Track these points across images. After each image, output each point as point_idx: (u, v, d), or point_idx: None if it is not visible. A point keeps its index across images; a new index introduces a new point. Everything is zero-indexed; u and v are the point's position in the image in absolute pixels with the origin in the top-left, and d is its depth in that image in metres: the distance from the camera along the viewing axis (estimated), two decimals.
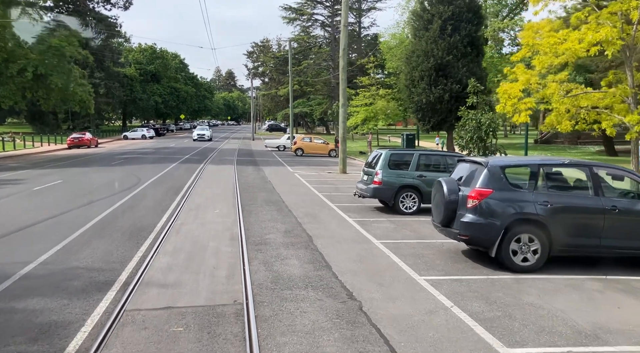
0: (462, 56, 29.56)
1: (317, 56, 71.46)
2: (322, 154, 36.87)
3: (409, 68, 31.13)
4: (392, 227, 11.06)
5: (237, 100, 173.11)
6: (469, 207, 7.62)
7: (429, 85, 29.86)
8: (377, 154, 13.31)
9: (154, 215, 12.01)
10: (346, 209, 13.27)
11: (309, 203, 14.52)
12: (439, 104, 29.92)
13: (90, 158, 32.34)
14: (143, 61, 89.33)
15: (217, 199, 15.02)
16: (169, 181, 19.28)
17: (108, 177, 20.95)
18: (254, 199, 15.04)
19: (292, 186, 18.70)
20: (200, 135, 55.91)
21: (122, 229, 10.39)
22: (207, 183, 18.94)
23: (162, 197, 15.07)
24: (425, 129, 31.95)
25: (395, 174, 12.58)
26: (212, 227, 10.78)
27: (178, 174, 22.07)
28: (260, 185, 18.62)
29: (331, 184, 19.55)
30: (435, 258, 8.40)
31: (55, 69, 32.53)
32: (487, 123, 20.88)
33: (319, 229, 10.72)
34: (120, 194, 15.32)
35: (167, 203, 13.83)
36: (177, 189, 16.81)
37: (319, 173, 24.21)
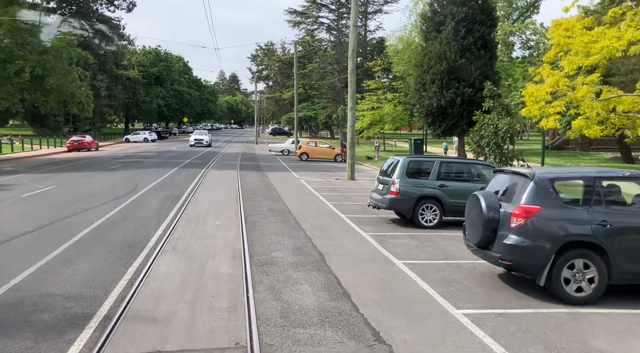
0: (475, 58, 28.45)
1: (322, 60, 70.49)
2: (328, 159, 35.77)
3: (420, 71, 30.02)
4: (413, 244, 9.91)
5: (241, 104, 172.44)
6: (513, 227, 6.48)
7: (440, 88, 28.75)
8: (393, 162, 12.18)
9: (149, 228, 10.89)
10: (359, 222, 12.14)
11: (317, 213, 13.39)
12: (450, 108, 28.79)
13: (89, 162, 31.30)
14: (147, 63, 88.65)
15: (219, 208, 13.91)
16: (168, 188, 18.19)
17: (104, 182, 19.87)
18: (258, 208, 13.92)
19: (298, 193, 17.58)
20: (197, 140, 50.74)
21: (111, 244, 9.27)
22: (209, 190, 17.84)
23: (159, 206, 13.96)
24: (435, 134, 30.81)
25: (414, 183, 11.44)
26: (212, 242, 9.66)
27: (178, 180, 20.98)
28: (265, 192, 17.51)
29: (340, 192, 18.42)
30: (470, 284, 7.24)
31: (53, 70, 31.53)
32: (505, 128, 19.73)
33: (331, 245, 9.59)
34: (115, 202, 14.22)
35: (164, 213, 12.72)
36: (176, 197, 15.70)
37: (326, 179, 23.09)
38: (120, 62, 72.56)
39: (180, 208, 13.66)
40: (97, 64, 65.87)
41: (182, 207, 13.79)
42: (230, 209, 13.73)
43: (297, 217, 12.66)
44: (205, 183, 19.95)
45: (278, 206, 14.38)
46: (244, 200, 15.40)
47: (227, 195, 16.70)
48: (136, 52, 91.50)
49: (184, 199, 15.39)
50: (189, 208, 13.66)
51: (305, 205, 14.81)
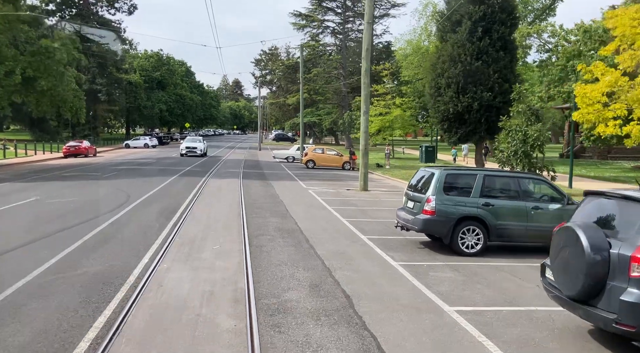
0: (493, 61, 26.59)
1: (327, 64, 68.77)
2: (336, 167, 33.86)
3: (435, 74, 28.19)
4: (459, 279, 7.98)
5: (244, 109, 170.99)
6: (635, 277, 4.55)
7: (456, 93, 26.89)
8: (425, 175, 10.27)
9: (132, 254, 8.99)
10: (385, 245, 10.22)
11: (333, 233, 11.48)
12: (467, 114, 26.92)
13: (83, 169, 29.47)
14: (148, 67, 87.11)
15: (218, 226, 12.01)
16: (163, 200, 16.31)
17: (93, 194, 18.00)
18: (264, 227, 12.01)
19: (308, 207, 15.67)
20: (189, 149, 42.50)
21: (80, 282, 7.37)
22: (208, 203, 15.94)
23: (149, 224, 12.06)
24: (451, 141, 28.92)
25: (453, 201, 9.52)
26: (208, 277, 7.75)
27: (175, 191, 19.10)
28: (271, 206, 15.60)
29: (354, 205, 16.50)
30: (558, 348, 5.31)
31: (45, 72, 29.77)
32: (536, 136, 17.83)
33: (357, 281, 7.67)
34: (99, 219, 12.33)
35: (154, 234, 10.82)
36: (170, 212, 13.80)
37: (337, 189, 21.19)
38: (120, 66, 70.94)
39: (174, 226, 11.76)
40: (96, 67, 64.37)
41: (176, 225, 11.89)
42: (232, 228, 11.82)
43: (310, 238, 10.75)
44: (204, 194, 18.06)
45: (287, 224, 12.47)
46: (247, 216, 13.50)
47: (228, 209, 14.79)
48: (138, 56, 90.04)
49: (180, 214, 13.49)
50: (184, 227, 11.76)
51: (318, 223, 12.90)
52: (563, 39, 34.65)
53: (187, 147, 42.92)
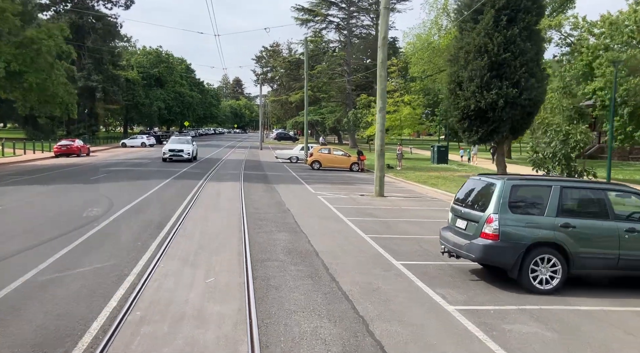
0: (520, 53, 24.22)
1: (330, 61, 66.40)
2: (343, 169, 31.59)
3: (455, 67, 25.79)
4: (552, 338, 5.65)
5: (244, 108, 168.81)
6: None
7: (479, 88, 24.49)
8: (479, 186, 7.97)
9: (97, 295, 6.70)
10: (427, 276, 7.92)
11: (357, 256, 9.18)
12: (491, 111, 24.52)
13: (72, 171, 27.21)
14: (147, 64, 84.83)
15: (214, 247, 9.70)
16: (151, 209, 14.01)
17: (72, 201, 15.71)
18: (270, 247, 9.72)
19: (320, 218, 13.37)
20: (173, 152, 33.64)
21: (19, 340, 5.08)
22: (203, 213, 13.64)
23: (129, 244, 9.76)
24: (471, 141, 26.55)
25: (523, 221, 7.21)
26: (195, 335, 5.46)
27: (168, 197, 16.81)
28: (277, 217, 13.31)
29: (373, 215, 14.20)
30: None
31: (32, 66, 27.47)
32: (579, 137, 15.54)
33: (407, 343, 5.38)
34: (68, 237, 10.04)
35: (131, 260, 8.52)
36: (157, 227, 11.51)
37: (349, 195, 18.90)
38: (117, 62, 68.65)
39: (159, 247, 9.45)
40: (92, 63, 62.09)
41: (161, 245, 9.59)
42: (231, 250, 9.52)
43: (329, 265, 8.46)
44: (200, 201, 15.76)
45: (298, 243, 10.16)
46: (249, 231, 11.20)
47: (227, 222, 12.49)
48: (136, 52, 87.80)
49: (168, 229, 11.19)
50: (171, 249, 9.46)
51: (336, 240, 10.60)
52: (587, 32, 32.26)
53: (171, 149, 33.90)
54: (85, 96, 62.18)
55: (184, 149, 34.16)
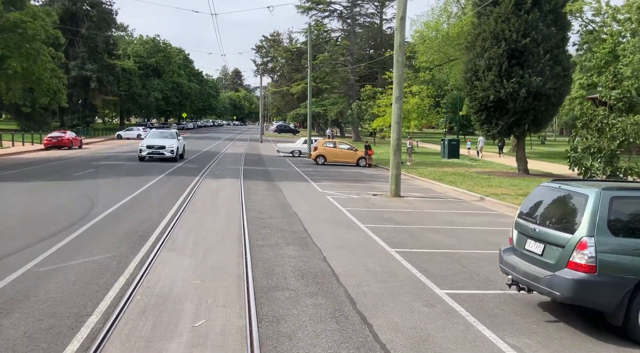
0: (543, 38, 22.25)
1: (333, 51, 64.19)
2: (349, 164, 29.65)
3: (472, 55, 23.82)
4: None
5: (244, 99, 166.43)
6: None
7: (498, 77, 22.56)
8: (558, 196, 6.05)
9: (50, 341, 4.79)
10: (490, 318, 6.01)
11: (390, 283, 7.28)
12: (511, 102, 22.62)
13: (59, 165, 25.28)
14: (144, 54, 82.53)
15: (208, 268, 7.80)
16: (137, 213, 12.10)
17: (48, 202, 13.79)
18: (277, 268, 7.81)
19: (334, 225, 11.47)
20: (153, 149, 26.67)
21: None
22: (197, 219, 11.73)
23: (101, 265, 7.84)
24: (489, 134, 24.62)
25: (629, 247, 5.30)
26: None
27: (158, 197, 14.90)
28: (283, 224, 11.41)
29: (393, 221, 12.30)
30: None
31: (16, 51, 25.41)
32: (633, 132, 13.61)
33: None
34: (22, 255, 8.14)
35: (100, 288, 6.62)
36: (140, 236, 9.60)
37: (361, 194, 16.99)
38: (112, 51, 66.44)
39: (138, 268, 7.55)
40: (86, 52, 59.93)
41: (142, 265, 7.69)
42: (229, 272, 7.62)
43: (356, 298, 6.55)
44: (195, 203, 13.84)
45: (312, 262, 8.26)
46: (251, 243, 9.30)
47: (224, 230, 10.58)
48: (132, 41, 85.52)
49: (154, 240, 9.29)
50: (153, 270, 7.55)
51: (357, 257, 8.70)
52: (612, 18, 30.20)
53: (150, 146, 26.62)
54: (79, 86, 60.16)
55: (166, 146, 26.64)
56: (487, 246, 9.82)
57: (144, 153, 26.66)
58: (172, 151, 26.78)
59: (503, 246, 6.76)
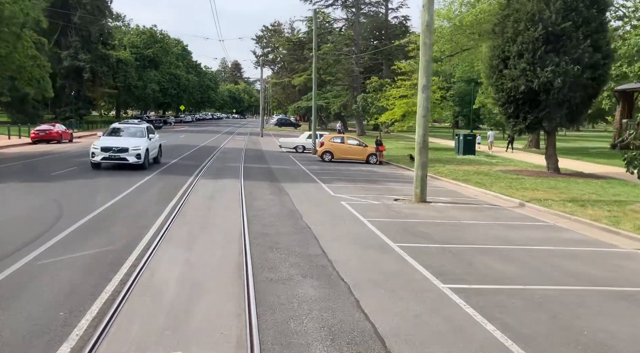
0: (583, 21, 19.77)
1: (337, 41, 61.51)
2: (359, 161, 27.26)
3: (500, 40, 21.30)
4: None
5: (243, 92, 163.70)
6: None
7: (531, 65, 20.07)
8: None
9: None
10: None
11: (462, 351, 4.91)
12: (544, 93, 20.15)
13: (40, 161, 22.91)
14: (140, 44, 79.79)
15: (195, 326, 5.40)
16: (111, 228, 9.71)
17: (5, 212, 11.38)
18: (295, 323, 5.43)
19: (359, 245, 9.08)
20: (110, 152, 19.26)
21: None
22: (186, 238, 9.34)
23: (43, 321, 5.46)
24: (516, 129, 22.12)
25: None
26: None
27: (141, 204, 12.52)
28: (294, 242, 9.03)
29: (430, 238, 9.91)
30: None
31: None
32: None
33: None
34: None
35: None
36: (110, 266, 7.22)
37: (380, 199, 14.61)
38: (107, 41, 63.79)
39: (99, 319, 5.16)
40: (79, 41, 57.30)
41: (102, 316, 5.30)
42: (225, 331, 5.23)
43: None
44: (184, 214, 11.43)
45: (343, 313, 5.86)
46: (255, 277, 6.92)
47: (219, 257, 8.18)
48: (129, 32, 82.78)
49: (126, 272, 6.91)
50: (118, 326, 5.16)
51: (404, 303, 6.31)
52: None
53: (106, 148, 19.23)
54: (72, 77, 57.65)
55: (130, 148, 19.09)
56: (567, 279, 7.46)
57: (98, 158, 19.11)
58: (139, 154, 19.15)
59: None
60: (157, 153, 22.52)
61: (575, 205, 13.69)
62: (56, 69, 57.68)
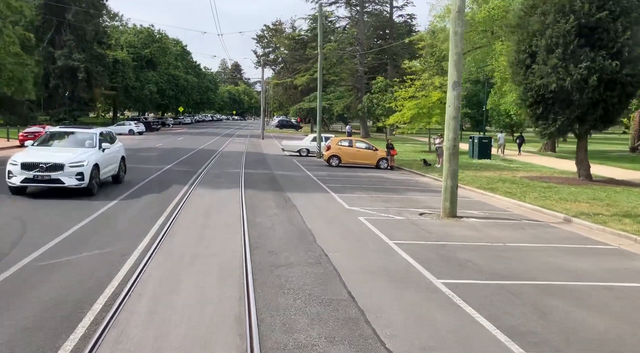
0: (622, 11, 17.78)
1: (341, 40, 59.53)
2: (368, 166, 25.26)
3: (525, 34, 19.31)
4: None
5: (243, 94, 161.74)
6: None
7: (563, 60, 18.07)
8: None
9: None
10: None
11: None
12: (577, 92, 18.14)
13: None
14: (137, 44, 77.68)
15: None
16: (78, 261, 7.68)
17: None
18: None
19: (396, 287, 7.06)
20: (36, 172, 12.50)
21: None
22: (170, 277, 7.29)
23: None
24: (544, 133, 20.07)
25: None
26: None
27: (122, 225, 10.49)
28: (310, 279, 7.01)
29: (478, 269, 7.89)
30: None
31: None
32: None
33: None
34: None
35: None
36: (64, 323, 5.18)
37: (403, 213, 12.59)
38: (102, 40, 61.77)
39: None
40: (73, 40, 55.27)
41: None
42: None
43: None
44: (171, 240, 9.39)
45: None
46: (263, 346, 4.89)
47: (212, 309, 6.12)
48: (126, 31, 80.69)
49: (82, 336, 4.86)
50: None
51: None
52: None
53: (29, 164, 12.68)
54: (66, 77, 55.62)
55: (67, 164, 12.82)
56: None
57: (17, 180, 12.73)
58: (80, 174, 12.86)
59: None
60: (116, 169, 15.74)
61: (633, 222, 11.67)
62: (50, 69, 55.71)
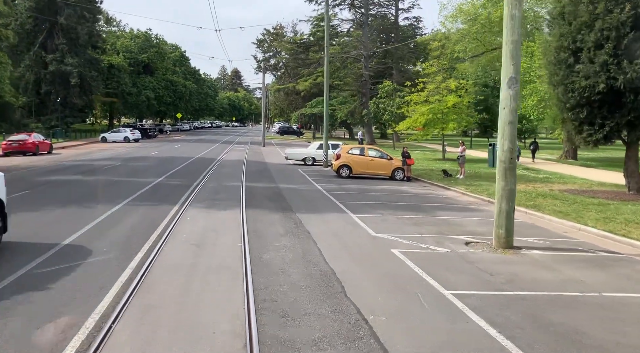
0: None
1: (345, 43, 57.20)
2: (382, 176, 22.78)
3: (568, 28, 16.84)
4: None
5: (243, 100, 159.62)
6: None
7: (613, 57, 15.62)
8: None
9: None
10: None
11: None
12: (631, 93, 15.67)
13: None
14: (134, 49, 75.46)
15: None
16: (24, 320, 5.15)
17: None
18: None
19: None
20: None
21: None
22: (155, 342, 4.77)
23: None
24: (590, 140, 17.57)
25: None
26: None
27: (97, 261, 7.97)
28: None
29: (581, 343, 5.35)
30: None
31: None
32: None
33: None
34: None
35: None
36: None
37: (443, 242, 10.08)
38: (97, 43, 59.42)
39: None
40: (66, 44, 52.90)
41: None
42: None
43: None
44: (153, 281, 6.87)
45: None
46: None
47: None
48: (122, 35, 78.51)
49: None
50: None
51: None
52: None
53: None
54: (58, 83, 53.18)
55: None
56: None
57: None
58: None
59: None
60: None
61: None
62: (41, 74, 53.38)
